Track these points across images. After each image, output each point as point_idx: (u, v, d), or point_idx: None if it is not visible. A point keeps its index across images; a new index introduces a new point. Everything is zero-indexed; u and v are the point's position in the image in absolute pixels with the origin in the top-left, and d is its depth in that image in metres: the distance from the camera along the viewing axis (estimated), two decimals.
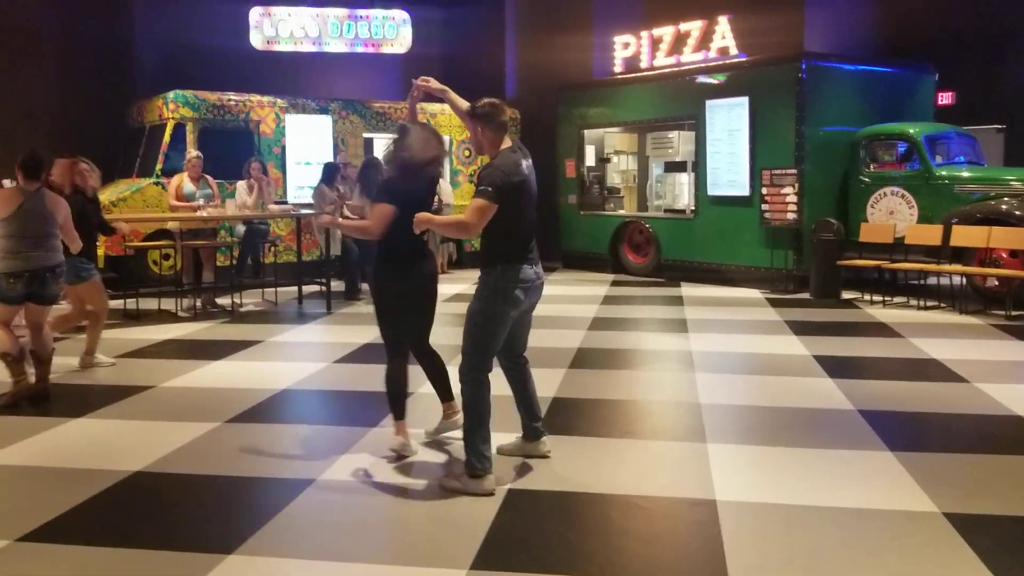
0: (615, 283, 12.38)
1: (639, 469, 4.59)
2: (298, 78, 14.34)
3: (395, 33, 13.46)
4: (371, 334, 8.43)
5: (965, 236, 9.82)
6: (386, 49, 13.56)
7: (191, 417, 5.55)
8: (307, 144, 12.76)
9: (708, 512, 3.94)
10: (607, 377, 6.68)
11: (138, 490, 4.33)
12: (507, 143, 4.32)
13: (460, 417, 4.53)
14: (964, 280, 10.04)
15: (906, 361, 7.27)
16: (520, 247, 4.26)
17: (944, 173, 10.52)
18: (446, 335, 8.40)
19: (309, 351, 7.97)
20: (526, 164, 4.27)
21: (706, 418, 5.49)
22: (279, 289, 10.66)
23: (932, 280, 11.08)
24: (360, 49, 13.43)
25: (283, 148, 12.60)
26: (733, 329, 8.73)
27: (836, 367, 6.89)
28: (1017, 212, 9.76)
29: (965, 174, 10.55)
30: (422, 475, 4.49)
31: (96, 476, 4.46)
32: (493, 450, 4.38)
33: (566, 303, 10.55)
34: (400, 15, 13.50)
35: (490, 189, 4.08)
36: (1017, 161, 13.35)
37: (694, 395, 6.08)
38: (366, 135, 13.38)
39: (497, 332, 4.27)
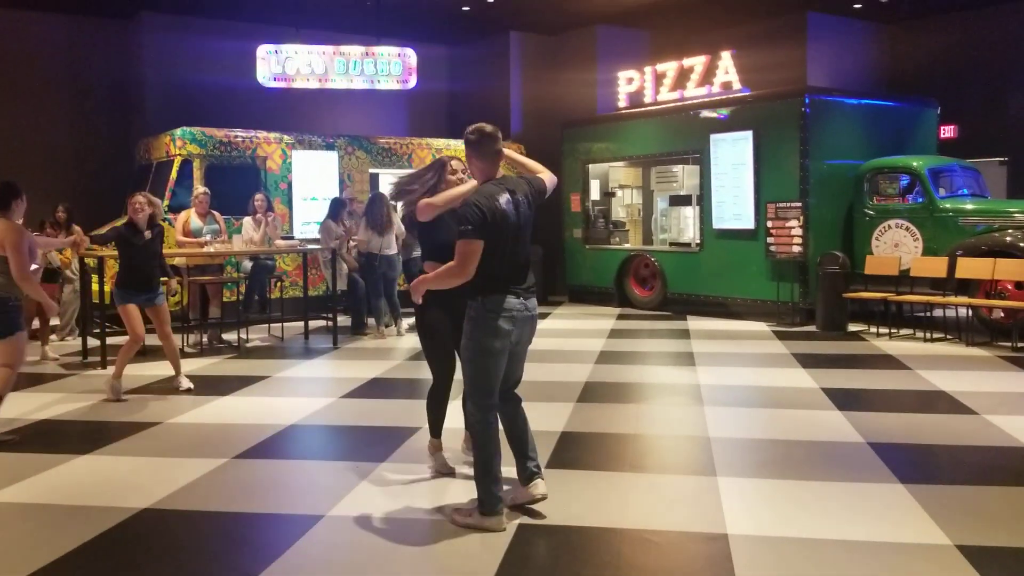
0: (621, 316, 12.38)
1: (650, 503, 4.56)
2: (305, 115, 14.49)
3: (400, 69, 13.59)
4: (378, 368, 8.45)
5: (970, 268, 9.82)
6: (392, 86, 13.69)
7: (198, 453, 5.54)
8: (313, 180, 12.84)
9: (720, 547, 3.91)
10: (615, 411, 6.65)
11: (145, 528, 4.31)
12: (500, 175, 4.24)
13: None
14: (970, 312, 10.03)
15: (914, 393, 7.24)
16: (502, 279, 4.11)
17: (948, 206, 10.54)
18: (457, 369, 8.44)
19: (316, 386, 7.97)
20: (505, 197, 4.08)
21: (716, 452, 5.46)
22: (285, 324, 10.68)
23: (938, 312, 11.06)
24: (366, 85, 13.55)
25: (289, 184, 12.68)
26: (740, 362, 8.71)
27: (844, 400, 6.87)
28: (1022, 244, 9.77)
29: (969, 206, 10.57)
30: (432, 511, 4.46)
31: (102, 514, 4.44)
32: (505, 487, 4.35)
33: (573, 337, 10.54)
34: (406, 52, 13.65)
35: (469, 227, 3.96)
36: (1020, 193, 13.41)
37: (703, 429, 6.05)
38: (372, 170, 13.46)
39: (489, 365, 4.12)
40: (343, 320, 10.92)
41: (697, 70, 12.71)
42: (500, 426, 4.28)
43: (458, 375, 4.63)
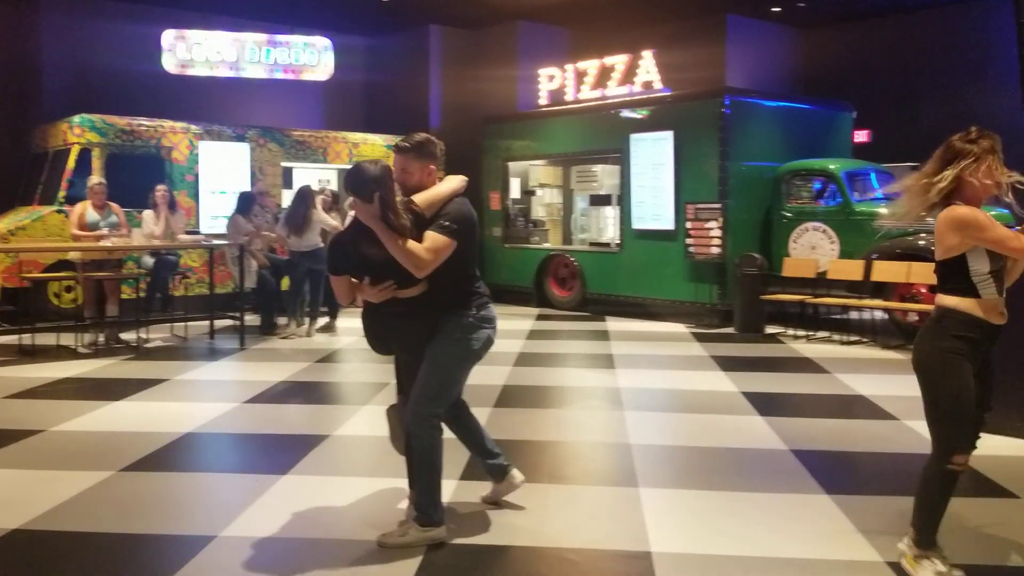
0: (540, 317, 12.18)
1: (570, 518, 4.32)
2: (214, 104, 13.84)
3: (316, 60, 13.10)
4: (287, 371, 8.02)
5: (886, 271, 9.92)
6: (307, 76, 13.19)
7: (81, 465, 5.07)
8: (222, 172, 12.27)
9: (643, 566, 3.69)
10: (534, 416, 6.41)
11: (14, 551, 3.86)
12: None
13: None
14: (885, 315, 10.14)
15: (834, 398, 7.20)
16: (482, 285, 4.09)
17: (864, 209, 10.65)
18: (371, 372, 8.09)
19: (218, 390, 7.51)
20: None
21: (637, 460, 5.26)
22: (189, 323, 10.11)
23: (853, 315, 11.18)
24: (280, 75, 13.03)
25: (196, 176, 12.08)
26: (660, 365, 8.59)
27: (765, 404, 6.78)
28: (934, 247, 9.89)
29: (884, 210, 10.68)
30: (334, 529, 4.12)
31: None
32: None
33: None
34: (322, 41, 13.16)
35: (455, 227, 3.77)
36: None
37: (624, 435, 5.85)
38: (285, 164, 12.96)
39: (463, 377, 4.04)
40: (251, 319, 10.43)
41: (619, 69, 12.61)
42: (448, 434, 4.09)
43: None
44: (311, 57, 13.08)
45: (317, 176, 13.52)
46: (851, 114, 12.69)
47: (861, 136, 14.43)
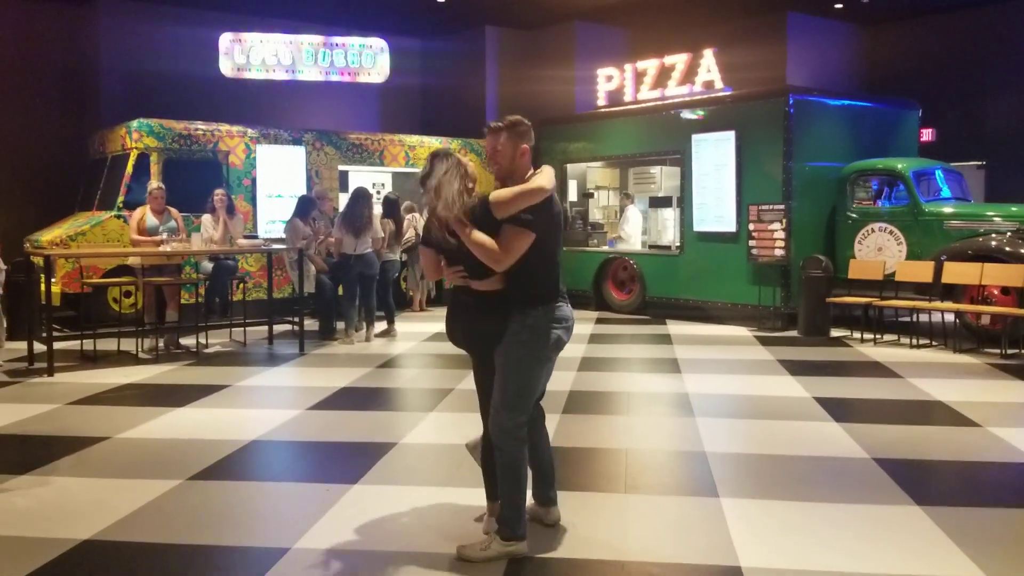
0: (600, 321, 12.00)
1: (651, 530, 4.15)
2: (270, 108, 13.92)
3: (372, 62, 13.09)
4: (348, 377, 7.96)
5: (957, 273, 9.58)
6: (363, 78, 13.18)
7: (150, 474, 5.03)
8: (279, 176, 12.30)
9: None
10: (604, 423, 6.24)
11: (87, 562, 3.81)
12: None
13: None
14: (955, 318, 9.79)
15: (910, 403, 6.93)
16: (558, 283, 3.89)
17: (933, 209, 10.31)
18: (433, 378, 7.99)
19: (281, 397, 7.46)
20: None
21: (715, 469, 5.08)
22: (248, 329, 10.13)
23: (922, 318, 10.80)
24: (336, 78, 13.04)
25: (253, 180, 12.14)
26: (726, 369, 8.37)
27: (840, 410, 6.54)
28: (1007, 248, 9.55)
29: (954, 210, 10.34)
30: (411, 541, 4.01)
31: (39, 546, 3.94)
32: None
33: None
34: (378, 43, 13.14)
35: (531, 218, 3.64)
36: (997, 197, 13.26)
37: (698, 443, 5.66)
38: (341, 167, 12.96)
39: (540, 380, 3.86)
40: (310, 324, 10.42)
41: (678, 68, 12.39)
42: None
43: None
44: (367, 59, 13.08)
45: (372, 179, 13.52)
46: (917, 112, 12.31)
47: (926, 135, 14.02)
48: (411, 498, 4.57)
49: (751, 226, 10.98)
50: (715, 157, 11.43)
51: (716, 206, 11.48)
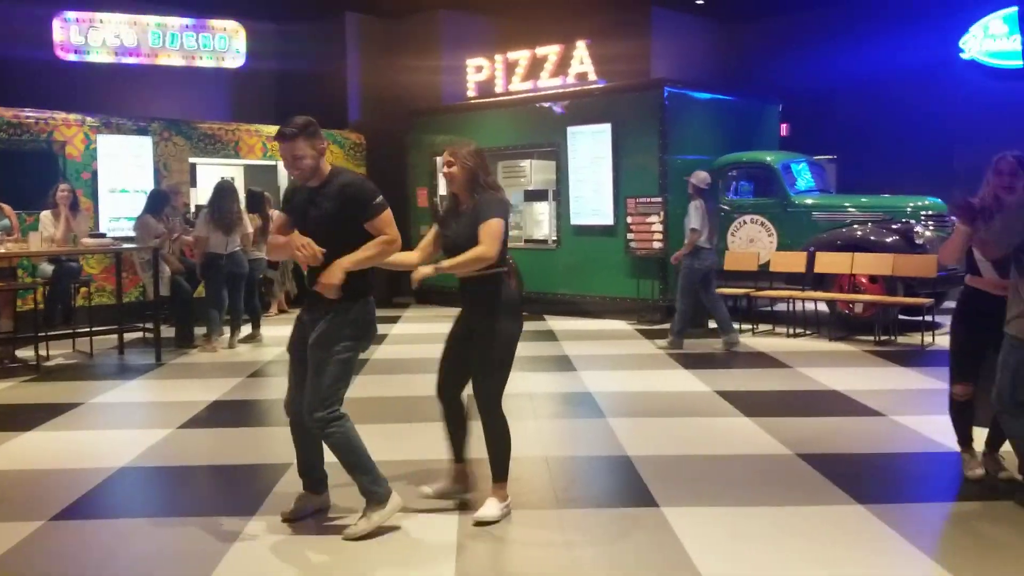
0: None
1: (600, 548, 3.79)
2: (113, 94, 12.64)
3: (227, 46, 12.12)
4: (217, 389, 7.20)
5: (830, 263, 9.81)
6: (216, 63, 12.18)
7: (3, 515, 4.22)
8: (123, 169, 11.18)
9: None
10: (514, 429, 5.81)
11: None
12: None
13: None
14: (827, 306, 10.05)
15: (809, 394, 6.94)
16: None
17: (801, 201, 10.55)
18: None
19: (144, 414, 6.65)
20: None
21: (644, 475, 4.78)
22: (95, 337, 9.07)
23: (782, 307, 11.03)
24: (185, 63, 11.97)
25: (94, 173, 10.97)
26: (620, 364, 8.19)
27: (744, 403, 6.44)
28: (873, 238, 9.88)
29: (820, 202, 10.62)
30: (340, 570, 3.48)
31: None
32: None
33: (431, 343, 9.61)
34: (233, 26, 12.18)
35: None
36: (847, 189, 13.83)
37: (618, 447, 5.37)
38: (192, 159, 11.94)
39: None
40: (166, 331, 9.48)
41: (551, 60, 12.15)
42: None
43: None
44: (221, 43, 12.09)
45: (226, 172, 12.54)
46: (778, 107, 12.65)
47: (782, 129, 14.44)
48: (317, 530, 4.01)
49: (629, 219, 10.91)
50: (591, 150, 11.27)
51: (593, 199, 11.33)
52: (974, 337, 4.47)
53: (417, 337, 10.18)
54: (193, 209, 10.87)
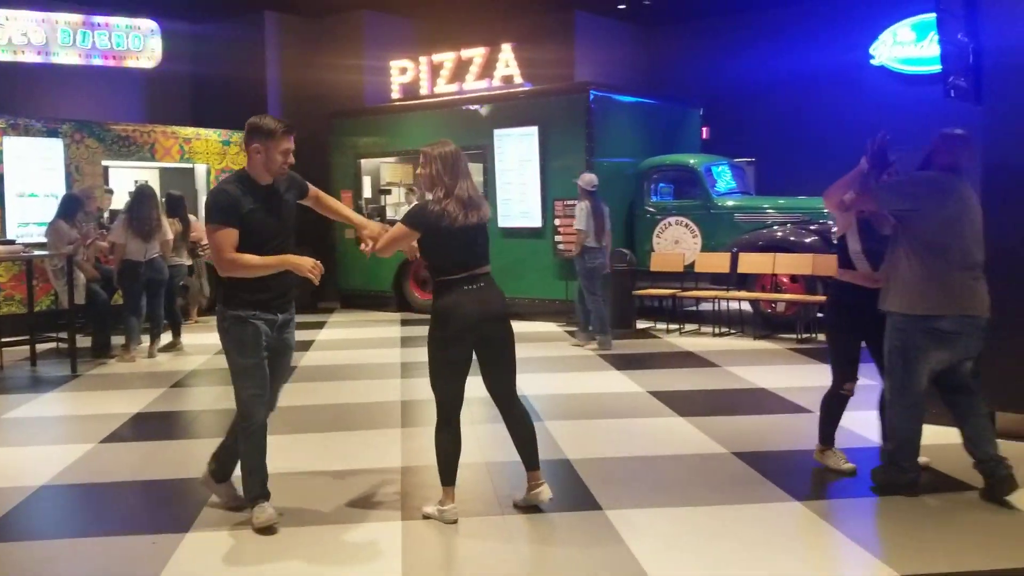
0: (405, 322, 11.49)
1: (548, 554, 3.78)
2: (20, 94, 12.08)
3: (141, 45, 11.69)
4: (140, 401, 6.93)
5: (753, 263, 10.03)
6: (130, 63, 11.74)
7: None
8: (32, 172, 10.69)
9: None
10: None
11: None
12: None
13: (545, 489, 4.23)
14: (750, 306, 10.28)
15: (738, 392, 7.07)
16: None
17: (723, 203, 10.76)
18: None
19: (63, 429, 6.35)
20: None
21: (585, 478, 4.79)
22: (5, 349, 8.64)
23: (706, 307, 11.24)
24: (99, 62, 11.51)
25: (0, 177, 10.46)
26: (552, 367, 8.20)
27: (678, 403, 6.53)
28: (793, 239, 10.14)
29: (742, 203, 10.85)
30: None
31: None
32: None
33: (362, 348, 9.55)
34: (147, 25, 11.75)
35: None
36: (765, 191, 14.18)
37: (557, 450, 5.36)
38: (106, 162, 11.50)
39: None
40: (82, 341, 9.10)
41: (476, 62, 12.10)
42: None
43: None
44: (135, 42, 11.66)
45: (142, 176, 12.12)
46: (699, 110, 12.88)
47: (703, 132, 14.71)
48: (259, 542, 3.90)
49: (557, 221, 10.95)
50: (518, 152, 11.28)
51: (521, 202, 11.35)
52: (855, 335, 4.61)
53: (344, 343, 10.02)
54: (107, 214, 10.45)
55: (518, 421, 4.30)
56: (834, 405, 4.83)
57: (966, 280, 4.21)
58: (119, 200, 10.70)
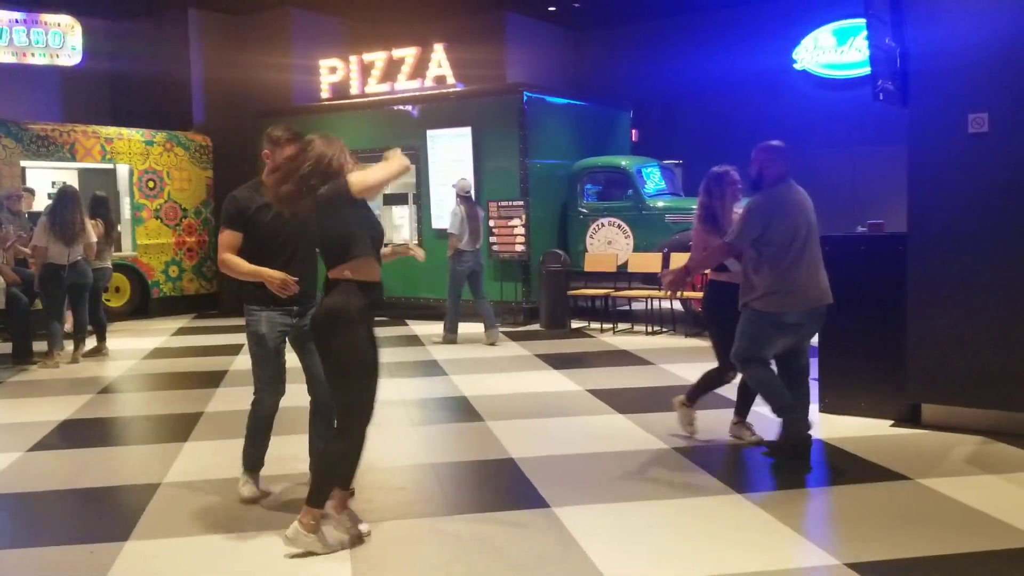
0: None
1: (499, 554, 3.77)
2: None
3: (61, 43, 11.29)
4: (66, 408, 6.70)
5: (682, 263, 10.18)
6: (48, 61, 11.34)
7: None
8: None
9: None
10: (394, 437, 5.73)
11: None
12: None
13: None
14: (681, 305, 10.48)
15: (675, 389, 7.01)
16: None
17: (654, 204, 10.93)
18: (174, 402, 6.95)
19: None
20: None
21: (532, 476, 4.80)
22: None
23: (639, 306, 11.40)
24: (13, 59, 11.08)
25: None
26: (490, 367, 8.22)
27: (617, 401, 6.61)
28: None
29: (672, 204, 11.04)
30: None
31: None
32: None
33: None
34: (68, 21, 11.36)
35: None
36: (695, 192, 14.45)
37: (501, 449, 5.37)
38: (24, 163, 11.08)
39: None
40: (2, 347, 8.76)
41: (408, 62, 12.04)
42: None
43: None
44: (54, 39, 11.26)
45: (61, 176, 11.72)
46: (629, 113, 13.07)
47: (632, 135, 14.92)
48: (202, 549, 3.81)
49: (491, 223, 10.97)
50: (451, 153, 11.27)
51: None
52: (732, 326, 5.00)
53: None
54: (27, 215, 10.06)
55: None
56: (713, 380, 5.47)
57: (812, 275, 4.78)
58: (40, 202, 10.33)
